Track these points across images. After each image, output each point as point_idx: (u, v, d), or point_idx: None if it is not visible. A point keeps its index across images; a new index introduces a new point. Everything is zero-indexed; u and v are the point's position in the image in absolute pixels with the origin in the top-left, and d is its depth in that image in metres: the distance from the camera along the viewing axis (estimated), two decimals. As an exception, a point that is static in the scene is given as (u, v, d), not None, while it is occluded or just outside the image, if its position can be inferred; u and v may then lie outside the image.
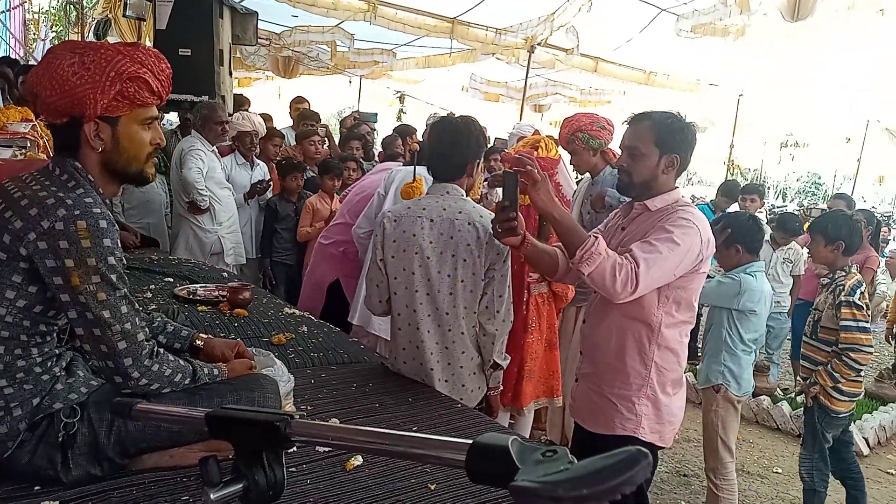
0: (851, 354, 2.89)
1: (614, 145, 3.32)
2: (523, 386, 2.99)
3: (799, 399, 3.84)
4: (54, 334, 1.38)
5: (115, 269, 1.32)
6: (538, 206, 1.96)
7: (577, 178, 4.06)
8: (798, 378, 3.26)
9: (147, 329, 1.39)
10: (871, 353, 2.98)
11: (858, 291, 2.93)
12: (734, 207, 5.64)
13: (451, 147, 2.19)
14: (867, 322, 2.93)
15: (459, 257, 2.14)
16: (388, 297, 2.24)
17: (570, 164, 3.54)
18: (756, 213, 4.95)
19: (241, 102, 6.09)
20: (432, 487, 1.50)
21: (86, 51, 1.33)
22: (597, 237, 1.89)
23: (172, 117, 6.25)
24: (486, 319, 2.20)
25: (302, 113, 6.01)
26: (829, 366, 2.96)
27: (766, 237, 4.93)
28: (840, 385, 2.96)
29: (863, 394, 5.18)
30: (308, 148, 5.09)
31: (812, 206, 10.46)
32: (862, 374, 3.04)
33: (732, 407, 2.99)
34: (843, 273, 3.02)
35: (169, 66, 1.42)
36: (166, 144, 4.84)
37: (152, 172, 1.47)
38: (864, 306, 2.93)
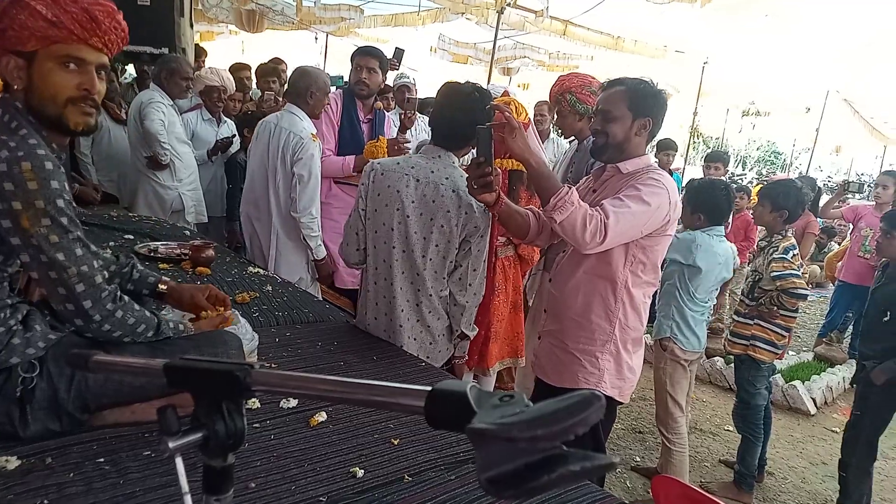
0: (785, 297, 3.09)
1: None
2: (489, 347, 3.03)
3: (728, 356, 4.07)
4: (5, 283, 1.35)
5: (65, 212, 1.29)
6: (515, 154, 1.99)
7: (563, 140, 4.05)
8: (726, 336, 3.43)
9: (106, 273, 1.37)
10: (806, 297, 3.16)
11: (791, 253, 3.12)
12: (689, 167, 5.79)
13: (463, 119, 2.13)
14: (798, 271, 3.11)
15: (437, 221, 2.14)
16: (365, 246, 2.25)
17: (555, 124, 3.52)
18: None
19: (198, 54, 5.88)
20: (395, 442, 1.53)
21: None
22: (570, 188, 1.92)
23: (131, 69, 6.01)
24: (457, 290, 2.22)
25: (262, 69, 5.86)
26: (762, 311, 3.17)
27: None
28: (772, 338, 3.17)
29: (812, 356, 5.48)
30: (263, 87, 4.95)
31: (770, 175, 10.72)
32: (790, 330, 3.24)
33: (679, 364, 3.14)
34: (780, 237, 3.20)
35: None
36: (124, 98, 4.68)
37: (77, 121, 1.36)
38: (795, 265, 3.13)
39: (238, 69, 5.11)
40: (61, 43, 1.32)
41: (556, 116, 3.43)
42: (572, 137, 3.41)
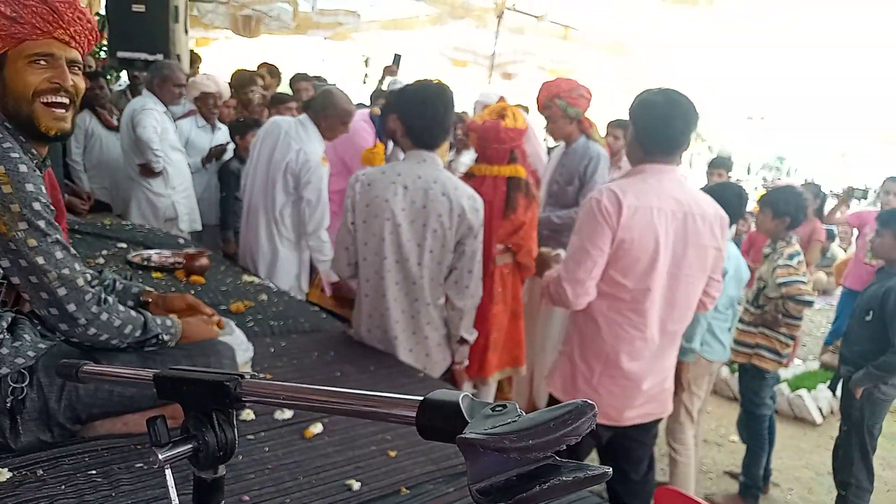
0: (791, 303, 3.07)
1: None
2: (488, 356, 3.01)
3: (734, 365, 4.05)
4: None
5: (42, 216, 1.27)
6: None
7: (551, 145, 4.04)
8: (732, 345, 3.35)
9: (89, 275, 1.35)
10: (812, 304, 3.15)
11: (796, 259, 3.11)
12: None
13: (443, 112, 2.13)
14: (803, 277, 3.09)
15: (430, 227, 2.12)
16: (357, 260, 2.22)
17: (545, 129, 3.50)
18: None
19: (192, 60, 5.87)
20: (392, 454, 1.51)
21: None
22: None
23: (124, 76, 6.01)
24: (454, 294, 2.20)
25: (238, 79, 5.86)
26: (767, 319, 3.14)
27: None
28: (776, 346, 3.15)
29: (818, 365, 5.42)
30: (242, 97, 4.93)
31: (775, 181, 10.68)
32: (795, 338, 3.20)
33: (700, 373, 3.07)
34: (784, 243, 3.18)
35: None
36: (117, 105, 4.66)
37: (49, 125, 1.32)
38: (800, 272, 3.10)
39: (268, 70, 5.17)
40: (28, 41, 1.29)
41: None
42: (561, 142, 3.41)
